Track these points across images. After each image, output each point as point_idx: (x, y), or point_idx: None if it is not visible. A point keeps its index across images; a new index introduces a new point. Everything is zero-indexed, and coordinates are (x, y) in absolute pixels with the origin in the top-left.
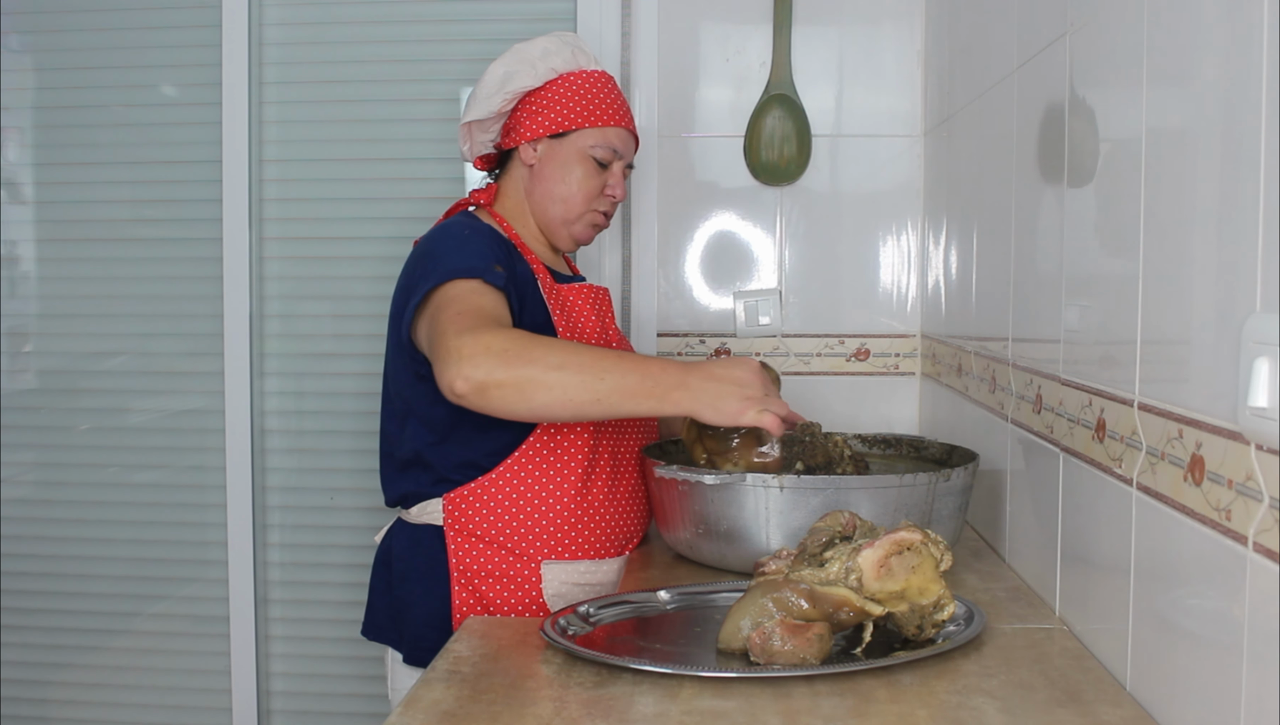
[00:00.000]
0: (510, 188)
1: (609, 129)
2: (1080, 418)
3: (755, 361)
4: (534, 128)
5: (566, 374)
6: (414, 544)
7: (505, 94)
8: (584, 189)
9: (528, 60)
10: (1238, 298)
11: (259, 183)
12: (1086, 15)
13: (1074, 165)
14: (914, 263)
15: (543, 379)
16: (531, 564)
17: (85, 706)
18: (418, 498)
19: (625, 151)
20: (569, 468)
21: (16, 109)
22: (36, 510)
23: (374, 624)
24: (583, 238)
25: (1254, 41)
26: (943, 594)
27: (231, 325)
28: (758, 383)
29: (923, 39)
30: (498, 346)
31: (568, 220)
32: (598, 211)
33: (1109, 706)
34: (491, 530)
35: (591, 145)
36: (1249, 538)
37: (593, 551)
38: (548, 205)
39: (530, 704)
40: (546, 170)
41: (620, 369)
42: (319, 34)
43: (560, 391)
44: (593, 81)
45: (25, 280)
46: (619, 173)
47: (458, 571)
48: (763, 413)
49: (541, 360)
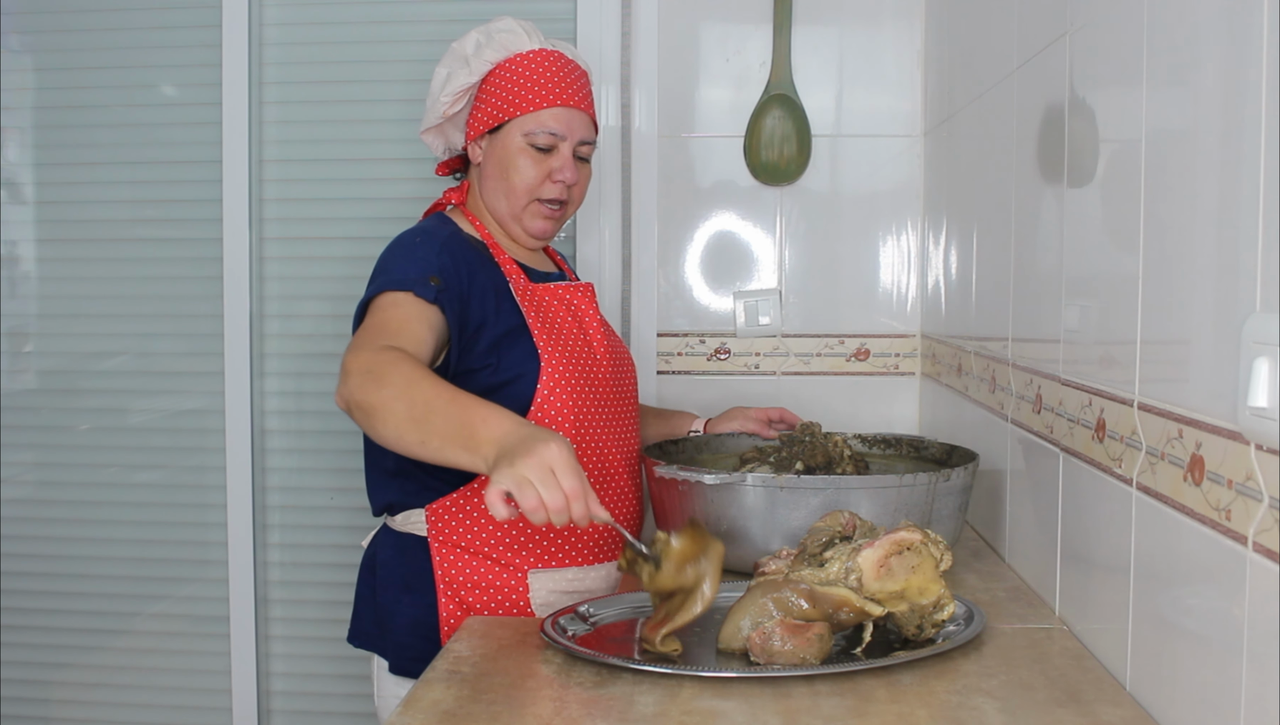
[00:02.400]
0: (473, 186)
1: (543, 112)
2: (1080, 418)
3: (567, 450)
4: (475, 125)
5: (401, 407)
6: (399, 553)
7: (445, 96)
8: (524, 180)
9: (461, 57)
10: (1238, 298)
11: (259, 183)
12: (1086, 15)
13: (1074, 165)
14: (914, 263)
15: (387, 408)
16: (518, 574)
17: (85, 706)
18: (402, 507)
19: (569, 132)
20: None
21: (16, 109)
22: (36, 510)
23: (359, 631)
24: (536, 230)
25: (1254, 41)
26: (943, 594)
27: (231, 325)
28: (570, 473)
29: (923, 39)
30: (365, 367)
31: (515, 214)
32: (543, 201)
33: (1109, 706)
34: (476, 541)
35: (527, 131)
36: (1249, 538)
37: (580, 558)
38: (494, 201)
39: (530, 704)
40: (489, 167)
41: (447, 413)
42: (319, 34)
43: (394, 427)
44: (527, 65)
45: (25, 280)
46: (566, 155)
47: (444, 582)
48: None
49: (390, 388)
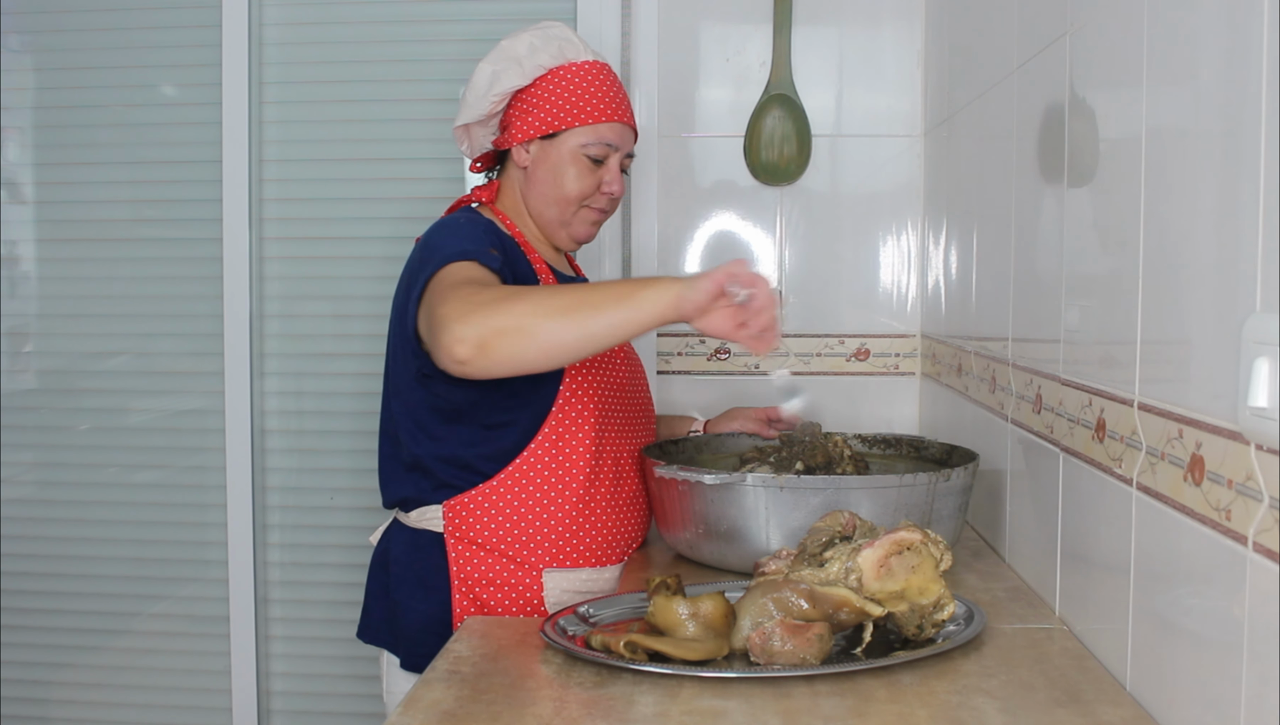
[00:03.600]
0: (509, 186)
1: (601, 125)
2: (1080, 418)
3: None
4: (525, 129)
5: (545, 312)
6: (413, 549)
7: (493, 95)
8: (578, 189)
9: (514, 58)
10: (1238, 298)
11: (259, 183)
12: (1086, 15)
13: (1074, 165)
14: (914, 263)
15: (532, 320)
16: (533, 572)
17: (85, 706)
18: (417, 503)
19: (621, 144)
20: (571, 475)
21: (16, 109)
22: (36, 510)
23: (369, 627)
24: (582, 236)
25: (1254, 41)
26: (943, 594)
27: (231, 325)
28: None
29: (923, 39)
30: (486, 298)
31: (564, 221)
32: (594, 208)
33: (1109, 706)
34: (493, 539)
35: (583, 144)
36: (1249, 538)
37: (594, 559)
38: (543, 207)
39: (530, 704)
40: (539, 172)
41: (595, 294)
42: (319, 34)
43: (547, 333)
44: (583, 76)
45: (25, 280)
46: (615, 168)
47: (459, 579)
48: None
49: (522, 303)
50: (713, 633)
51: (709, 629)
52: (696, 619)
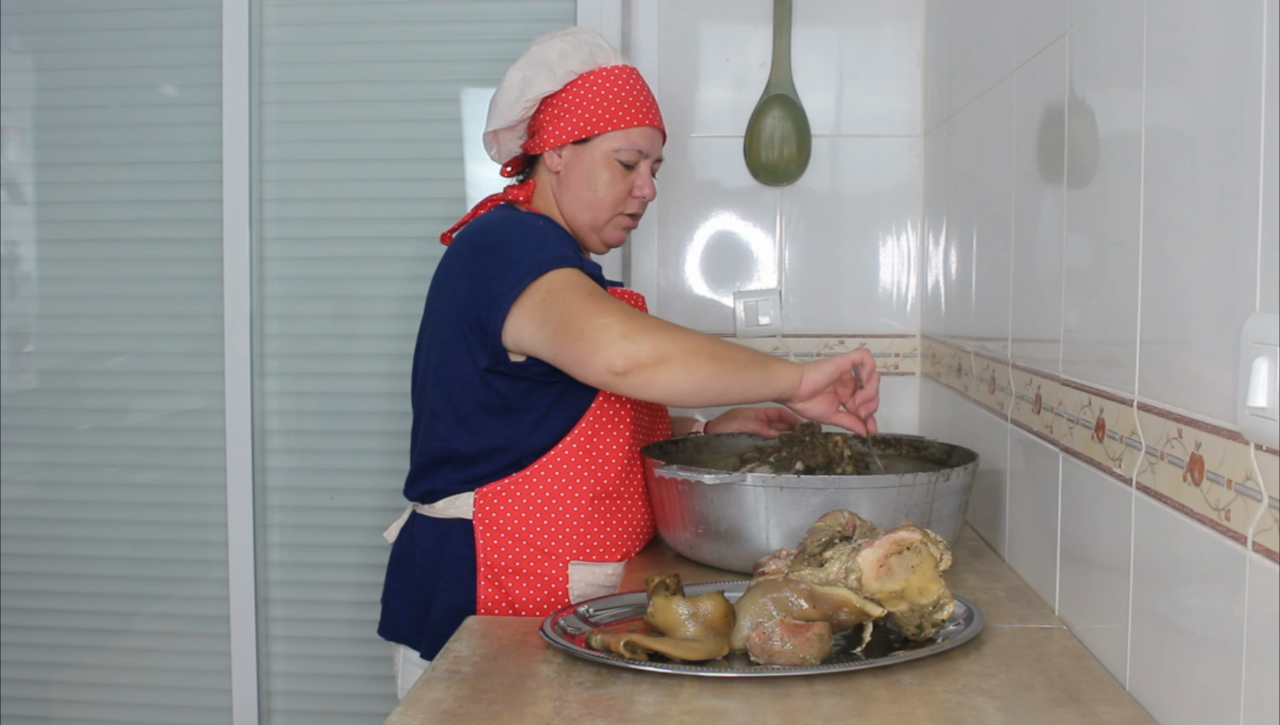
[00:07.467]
0: (541, 190)
1: (633, 130)
2: (1080, 418)
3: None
4: (556, 134)
5: (714, 347)
6: (440, 538)
7: (525, 101)
8: (611, 194)
9: (545, 64)
10: (1238, 298)
11: (259, 183)
12: (1086, 15)
13: (1074, 165)
14: (914, 263)
15: (703, 357)
16: (560, 563)
17: (85, 706)
18: (445, 493)
19: (651, 149)
20: (604, 470)
21: (16, 109)
22: (36, 510)
23: (391, 623)
24: (613, 240)
25: (1254, 41)
26: (942, 594)
27: (231, 325)
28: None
29: (923, 39)
30: (651, 322)
31: (596, 225)
32: (626, 214)
33: (1109, 706)
34: (522, 527)
35: (616, 148)
36: (1248, 537)
37: (620, 553)
38: (576, 211)
39: (530, 704)
40: (572, 177)
41: (739, 347)
42: (319, 34)
43: (697, 369)
44: (614, 80)
45: (25, 280)
46: (646, 172)
47: (485, 566)
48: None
49: (693, 337)
50: (712, 633)
51: (709, 629)
52: (696, 619)
